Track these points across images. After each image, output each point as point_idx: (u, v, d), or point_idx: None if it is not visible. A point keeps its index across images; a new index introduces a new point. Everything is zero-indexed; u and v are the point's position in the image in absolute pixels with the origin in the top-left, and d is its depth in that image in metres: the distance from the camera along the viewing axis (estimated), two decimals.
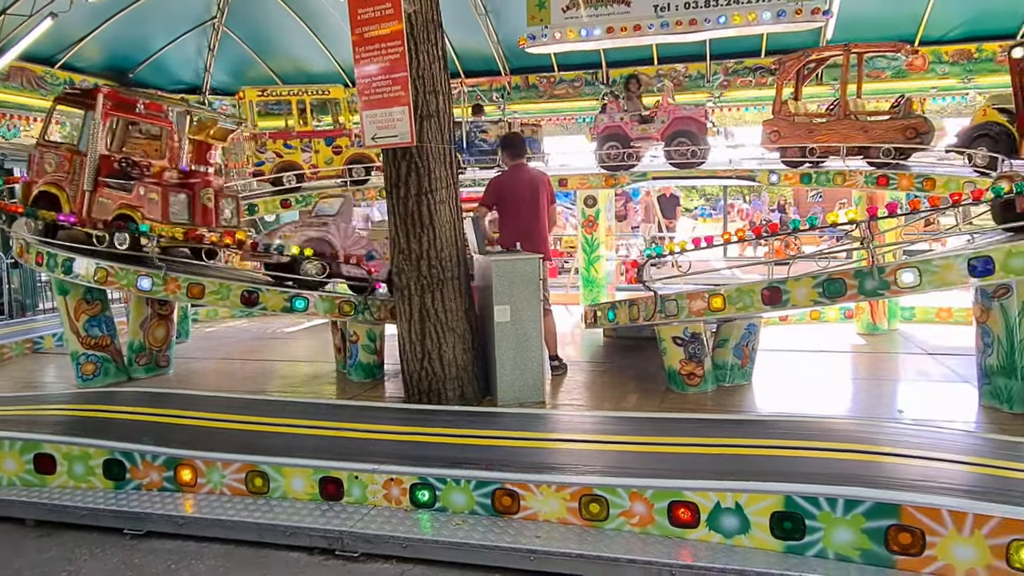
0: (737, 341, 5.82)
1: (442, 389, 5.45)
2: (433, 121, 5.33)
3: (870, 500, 3.20)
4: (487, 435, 4.57)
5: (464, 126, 9.89)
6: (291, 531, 3.78)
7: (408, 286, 5.44)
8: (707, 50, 11.41)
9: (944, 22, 10.60)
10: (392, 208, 5.46)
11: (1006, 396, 4.86)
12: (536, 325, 5.43)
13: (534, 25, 9.65)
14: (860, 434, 4.35)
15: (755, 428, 4.58)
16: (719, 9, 8.91)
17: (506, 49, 12.20)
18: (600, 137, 9.57)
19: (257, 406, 5.39)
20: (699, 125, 9.19)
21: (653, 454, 4.12)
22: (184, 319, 8.63)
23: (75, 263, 6.01)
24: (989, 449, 4.05)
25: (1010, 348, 4.80)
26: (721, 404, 5.35)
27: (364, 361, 6.36)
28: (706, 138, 9.20)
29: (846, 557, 3.23)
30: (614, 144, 9.43)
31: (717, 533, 3.44)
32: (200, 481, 4.23)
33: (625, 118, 9.48)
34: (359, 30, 5.22)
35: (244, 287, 6.02)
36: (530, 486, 3.72)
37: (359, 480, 3.98)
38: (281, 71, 13.38)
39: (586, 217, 9.62)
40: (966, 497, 3.19)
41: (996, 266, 4.35)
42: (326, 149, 10.44)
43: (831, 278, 4.81)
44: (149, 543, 3.94)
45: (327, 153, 10.44)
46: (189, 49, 12.77)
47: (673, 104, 9.51)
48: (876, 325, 8.10)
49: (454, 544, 3.54)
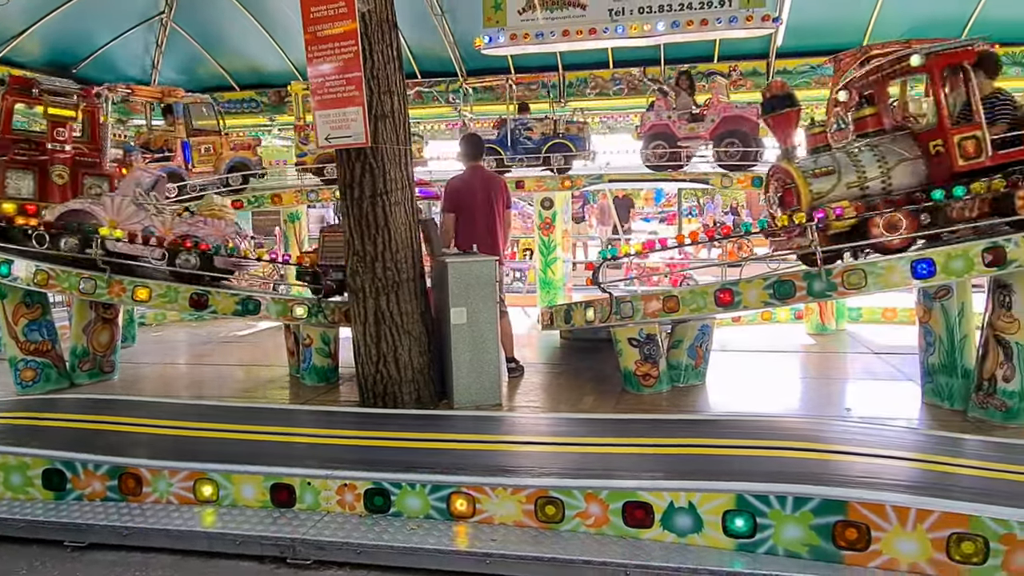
0: (691, 342, 5.90)
1: (398, 392, 5.39)
2: (388, 122, 5.28)
3: (818, 497, 3.27)
4: (443, 438, 4.54)
5: (508, 124, 9.59)
6: (241, 540, 3.69)
7: (363, 288, 5.37)
8: (662, 54, 11.55)
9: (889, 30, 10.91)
10: (346, 210, 5.38)
11: (947, 393, 5.03)
12: (492, 327, 5.42)
13: (490, 27, 9.63)
14: (809, 432, 4.45)
15: (709, 428, 4.65)
16: (672, 14, 9.03)
17: (462, 50, 12.16)
18: (646, 136, 9.12)
19: (206, 412, 5.25)
20: (751, 125, 8.66)
21: (609, 455, 4.15)
22: (130, 323, 8.37)
23: (13, 265, 5.79)
24: (931, 445, 4.19)
25: (951, 347, 4.97)
26: (676, 404, 5.41)
27: (318, 364, 6.26)
28: (759, 138, 8.78)
29: (795, 553, 3.29)
30: (660, 143, 8.99)
31: (671, 532, 3.47)
32: (146, 490, 4.10)
33: (673, 116, 8.98)
34: (312, 28, 5.14)
35: (193, 290, 5.87)
36: (486, 489, 3.70)
37: (312, 486, 3.91)
38: (233, 69, 13.10)
39: (543, 219, 9.64)
40: (909, 493, 3.28)
41: (937, 268, 4.50)
42: None
43: (781, 280, 4.91)
44: (92, 555, 3.81)
45: None
46: (136, 45, 12.40)
47: (725, 102, 8.96)
48: (825, 325, 8.29)
49: (408, 549, 3.51)
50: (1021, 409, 4.57)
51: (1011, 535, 2.97)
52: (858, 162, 4.95)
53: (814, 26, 10.79)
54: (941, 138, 4.75)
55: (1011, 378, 4.57)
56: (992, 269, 4.39)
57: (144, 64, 12.77)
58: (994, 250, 4.36)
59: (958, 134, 4.67)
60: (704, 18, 8.90)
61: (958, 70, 4.78)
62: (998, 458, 3.83)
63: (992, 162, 4.60)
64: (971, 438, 4.25)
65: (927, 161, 4.87)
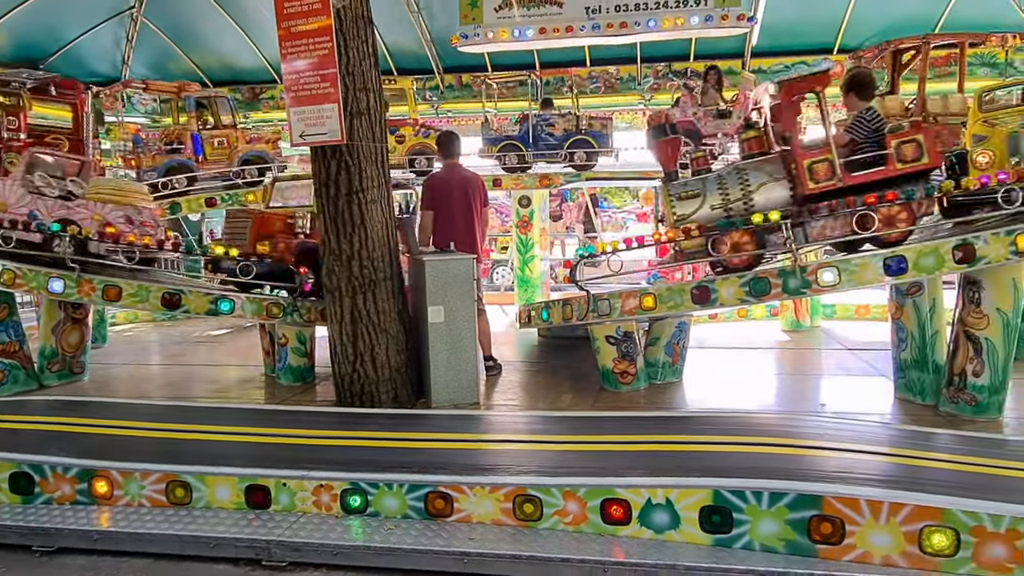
0: (668, 339, 5.93)
1: (375, 392, 5.35)
2: (364, 119, 5.23)
3: (794, 492, 3.29)
4: (421, 438, 4.51)
5: (530, 119, 9.46)
6: (215, 542, 3.64)
7: (339, 287, 5.32)
8: (638, 53, 11.60)
9: (861, 30, 11.07)
10: (322, 208, 5.33)
11: (919, 388, 5.10)
12: (470, 326, 5.40)
13: (466, 24, 9.62)
14: (785, 428, 4.49)
15: (686, 425, 4.67)
16: (649, 12, 9.06)
17: (439, 47, 12.11)
18: None
19: (179, 413, 5.18)
20: None
21: (587, 452, 4.15)
22: (101, 323, 8.22)
23: None
24: (903, 440, 4.25)
25: (922, 343, 5.05)
26: (653, 402, 5.43)
27: (294, 364, 6.20)
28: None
29: (771, 548, 3.32)
30: (684, 141, 8.67)
31: (648, 529, 3.48)
32: (117, 493, 4.02)
33: (699, 113, 8.75)
34: (286, 24, 5.08)
35: (165, 289, 5.77)
36: (464, 488, 3.68)
37: (287, 487, 3.86)
38: (205, 65, 12.92)
39: (520, 217, 9.63)
40: (882, 487, 3.32)
41: (909, 265, 4.56)
42: (390, 138, 9.87)
43: (757, 277, 4.95)
44: (61, 559, 3.73)
45: (391, 142, 9.89)
46: (106, 40, 12.18)
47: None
48: (800, 322, 8.38)
49: (386, 549, 3.48)
50: (991, 403, 4.65)
51: (981, 527, 3.02)
52: (724, 185, 5.16)
53: (788, 26, 10.90)
54: (794, 162, 4.90)
55: (981, 373, 4.65)
56: (962, 266, 4.46)
57: (115, 59, 12.55)
58: (964, 247, 4.43)
59: (807, 158, 4.83)
60: (680, 17, 8.96)
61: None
62: (968, 451, 3.90)
63: (846, 183, 4.75)
64: (942, 432, 4.32)
65: (791, 183, 5.01)
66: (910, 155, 4.66)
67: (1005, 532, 2.98)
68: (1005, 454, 3.88)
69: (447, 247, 5.81)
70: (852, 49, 11.38)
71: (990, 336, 4.60)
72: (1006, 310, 4.56)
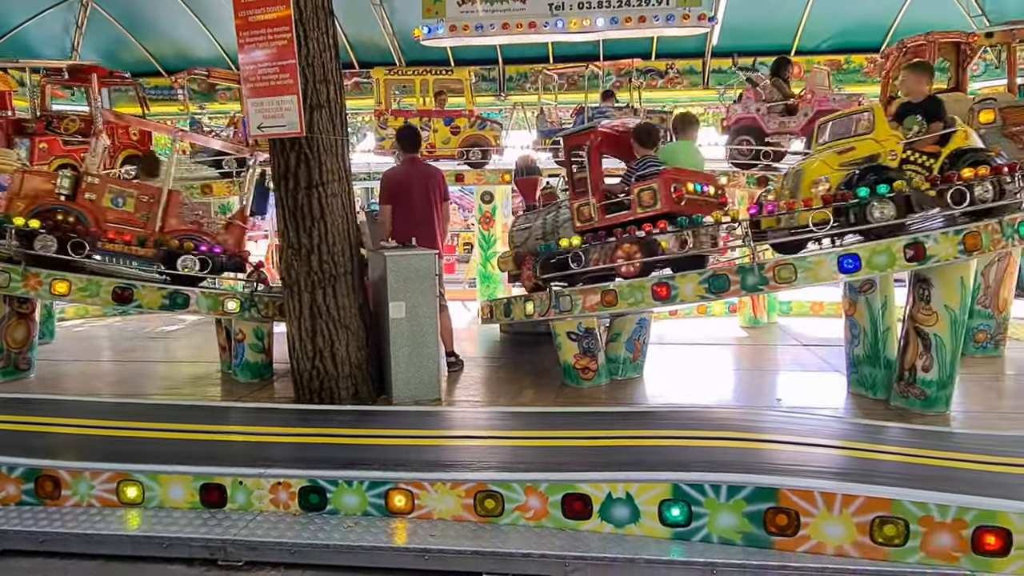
0: (629, 335, 5.97)
1: (335, 388, 5.29)
2: (324, 111, 5.15)
3: (751, 485, 3.34)
4: (381, 434, 4.47)
5: (585, 112, 9.33)
6: (168, 542, 3.55)
7: (298, 282, 5.24)
8: (601, 51, 11.66)
9: (817, 34, 11.33)
10: (280, 201, 5.24)
11: (871, 383, 5.23)
12: (432, 321, 5.36)
13: (429, 18, 9.55)
14: (743, 422, 4.56)
15: (646, 420, 4.71)
16: (611, 10, 9.11)
17: (401, 41, 12.01)
18: (732, 130, 8.48)
19: (131, 410, 5.03)
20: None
21: (549, 448, 4.16)
22: (49, 318, 7.96)
23: None
24: (856, 433, 4.35)
25: (874, 339, 5.18)
26: (614, 397, 5.47)
27: (251, 360, 6.08)
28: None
29: (729, 540, 3.36)
30: (746, 139, 8.29)
31: (609, 523, 3.50)
32: (65, 493, 3.89)
33: (763, 109, 8.27)
34: (243, 13, 4.97)
35: (116, 283, 5.61)
36: (424, 484, 3.66)
37: (244, 485, 3.79)
38: (159, 53, 12.62)
39: (483, 213, 9.61)
40: (836, 479, 3.40)
41: (862, 262, 4.67)
42: (444, 129, 9.91)
43: (716, 274, 5.01)
44: (5, 562, 3.59)
45: (445, 133, 9.90)
46: (54, 26, 11.81)
47: (823, 93, 8.12)
48: (757, 319, 8.53)
49: (345, 547, 3.43)
50: (939, 398, 4.79)
51: (929, 517, 3.10)
52: (545, 222, 6.28)
53: (748, 26, 11.08)
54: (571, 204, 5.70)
55: (929, 368, 4.79)
56: (913, 264, 4.58)
57: (63, 45, 12.18)
58: (915, 246, 4.56)
59: (576, 201, 5.60)
60: (642, 15, 9.03)
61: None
62: (917, 444, 4.01)
63: (602, 224, 5.42)
64: (892, 425, 4.43)
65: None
66: (647, 201, 5.20)
67: (951, 522, 3.07)
68: (952, 446, 4.00)
69: (408, 242, 5.76)
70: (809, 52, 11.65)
71: (939, 332, 4.74)
72: (954, 307, 4.70)
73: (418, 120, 9.94)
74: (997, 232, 4.57)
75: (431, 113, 10.10)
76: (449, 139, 9.92)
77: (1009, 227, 4.62)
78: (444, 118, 10.04)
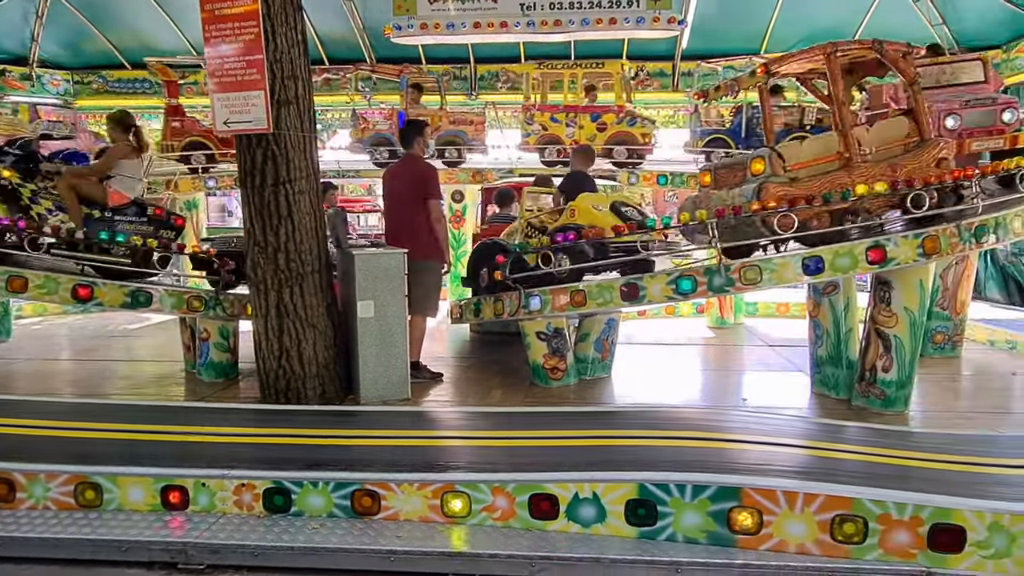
0: (598, 335, 6.01)
1: (301, 388, 5.22)
2: (292, 108, 5.08)
3: (715, 484, 3.38)
4: (348, 435, 4.44)
5: (744, 111, 8.98)
6: (127, 546, 3.47)
7: (264, 280, 5.17)
8: (572, 51, 11.69)
9: (784, 38, 11.48)
10: (246, 198, 5.16)
11: (833, 383, 5.33)
12: (400, 321, 5.33)
13: (400, 15, 9.48)
14: (708, 422, 4.62)
15: (614, 419, 4.74)
16: (583, 11, 9.15)
17: (372, 37, 11.90)
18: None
19: (90, 410, 4.92)
20: None
21: (517, 448, 4.16)
22: (5, 315, 7.75)
23: None
24: (818, 432, 4.43)
25: (837, 340, 5.27)
26: (583, 397, 5.50)
27: (216, 360, 5.99)
28: None
29: (694, 539, 3.40)
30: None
31: (576, 523, 3.51)
32: (20, 496, 3.79)
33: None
34: (209, 7, 4.89)
35: (76, 280, 5.48)
36: (391, 485, 3.63)
37: (207, 487, 3.72)
38: (123, 45, 12.32)
39: (453, 212, 9.58)
40: (798, 478, 3.45)
41: (826, 265, 4.75)
42: (590, 125, 9.55)
43: (683, 275, 5.07)
44: None
45: (591, 129, 9.54)
46: (13, 15, 11.46)
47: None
48: (724, 319, 8.63)
49: (309, 549, 3.40)
50: (898, 397, 4.90)
51: (887, 515, 3.17)
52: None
53: (717, 30, 11.20)
54: None
55: (889, 368, 4.89)
56: (874, 266, 4.68)
57: (23, 37, 11.84)
58: (876, 249, 4.66)
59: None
60: (613, 17, 9.08)
61: None
62: (877, 443, 4.09)
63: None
64: (853, 425, 4.52)
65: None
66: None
67: (909, 519, 3.14)
68: (910, 445, 4.09)
69: (394, 241, 5.74)
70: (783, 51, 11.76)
71: (898, 334, 4.85)
72: (913, 309, 4.81)
73: (564, 116, 9.69)
74: (955, 236, 4.69)
75: (577, 109, 9.76)
76: (595, 136, 9.53)
77: (966, 231, 4.74)
78: (591, 114, 9.67)
